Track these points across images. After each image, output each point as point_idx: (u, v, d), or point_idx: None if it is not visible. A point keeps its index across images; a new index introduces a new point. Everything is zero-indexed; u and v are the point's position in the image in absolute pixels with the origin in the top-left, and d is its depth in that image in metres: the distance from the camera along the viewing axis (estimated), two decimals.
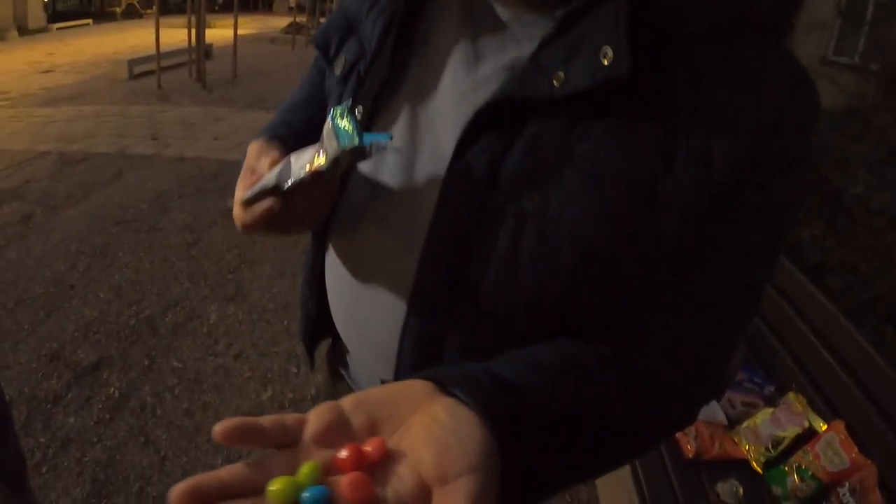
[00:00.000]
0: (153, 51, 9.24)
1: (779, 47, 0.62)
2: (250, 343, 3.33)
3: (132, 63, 10.12)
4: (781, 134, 0.58)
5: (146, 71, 9.96)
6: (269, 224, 0.72)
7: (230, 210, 0.78)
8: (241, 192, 0.74)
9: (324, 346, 1.04)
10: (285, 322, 3.51)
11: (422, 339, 0.71)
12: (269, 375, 3.09)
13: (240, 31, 10.45)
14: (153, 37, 9.03)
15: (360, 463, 0.45)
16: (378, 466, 0.45)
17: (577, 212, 0.60)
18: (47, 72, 10.82)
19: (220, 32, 12.16)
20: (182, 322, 3.49)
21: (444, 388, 0.52)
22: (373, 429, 0.48)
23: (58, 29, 17.96)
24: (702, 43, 0.59)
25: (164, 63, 9.47)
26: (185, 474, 2.46)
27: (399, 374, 0.75)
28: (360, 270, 0.79)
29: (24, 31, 16.07)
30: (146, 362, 3.11)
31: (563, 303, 0.64)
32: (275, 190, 0.69)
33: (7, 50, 13.21)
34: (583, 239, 0.60)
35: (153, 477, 2.46)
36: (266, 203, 0.70)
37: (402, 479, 0.44)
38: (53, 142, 6.56)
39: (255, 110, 7.74)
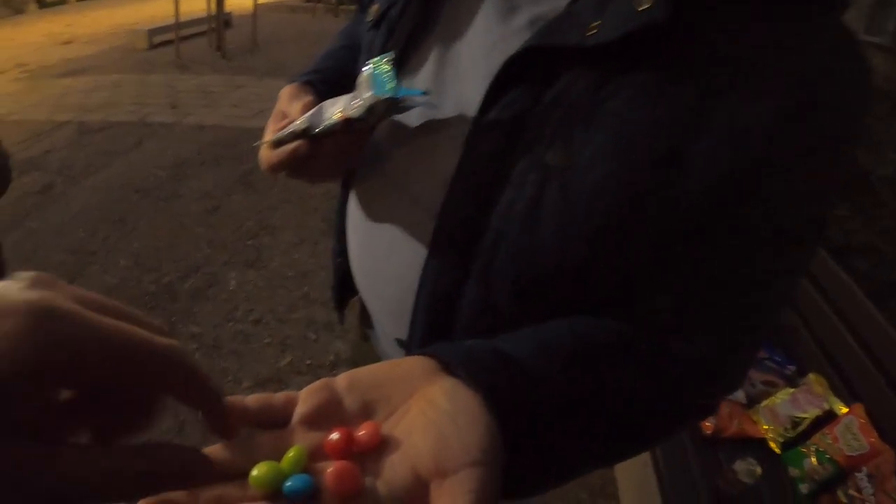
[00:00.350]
0: (172, 20, 9.25)
1: (831, 24, 0.57)
2: (269, 309, 3.36)
3: (152, 33, 10.11)
4: (821, 114, 0.55)
5: (165, 40, 9.97)
6: (294, 167, 0.73)
7: (248, 174, 0.79)
8: (270, 134, 0.75)
9: (354, 303, 1.05)
10: (305, 288, 3.53)
11: (437, 297, 0.69)
12: (288, 342, 3.12)
13: (259, 0, 10.42)
14: (172, 6, 9.01)
15: (351, 449, 0.43)
16: (370, 454, 0.43)
17: (602, 170, 0.57)
18: (66, 43, 10.86)
19: (239, 1, 12.12)
20: (201, 288, 3.53)
21: (447, 367, 0.49)
22: (367, 411, 0.46)
23: (77, 0, 18.06)
24: (743, 10, 0.56)
25: (183, 32, 9.46)
26: (203, 439, 2.48)
27: (413, 334, 0.74)
28: (378, 222, 0.78)
29: (43, 3, 16.15)
30: (166, 328, 3.12)
31: (581, 269, 0.61)
32: (304, 134, 0.70)
33: (26, 23, 13.29)
34: (606, 199, 0.57)
35: (172, 441, 2.48)
36: (293, 144, 0.70)
37: (395, 471, 0.42)
38: (73, 112, 6.60)
39: (275, 79, 7.72)
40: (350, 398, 0.46)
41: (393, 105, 0.65)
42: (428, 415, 0.44)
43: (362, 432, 0.43)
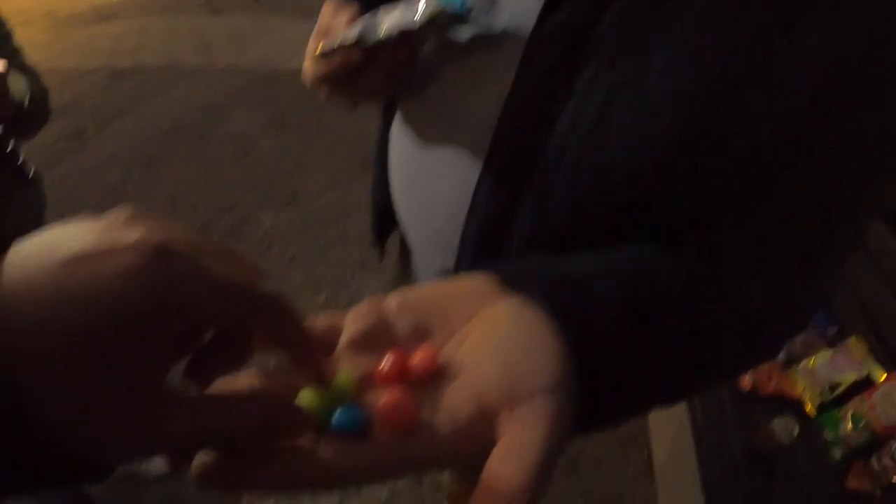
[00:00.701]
0: None
1: None
2: (303, 249, 3.43)
3: None
4: None
5: None
6: (342, 79, 0.71)
7: (281, 115, 0.77)
8: (313, 47, 0.72)
9: (395, 237, 1.04)
10: (339, 227, 3.59)
11: (489, 221, 0.67)
12: (323, 281, 3.18)
13: None
14: None
15: (405, 377, 0.40)
16: (427, 383, 0.40)
17: (677, 81, 0.53)
18: None
19: None
20: (235, 229, 3.62)
21: (510, 285, 0.45)
22: (421, 335, 0.43)
23: None
24: None
25: None
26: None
27: (460, 264, 0.72)
28: (425, 145, 0.76)
29: None
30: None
31: (649, 191, 0.57)
32: (356, 45, 0.67)
33: None
34: (681, 111, 0.53)
35: None
36: (345, 54, 0.68)
37: (457, 401, 0.39)
38: (103, 58, 6.72)
39: (309, 21, 7.60)
40: (402, 321, 0.43)
41: (455, 18, 0.62)
42: (492, 338, 0.41)
43: (418, 358, 0.40)
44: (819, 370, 1.93)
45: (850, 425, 1.76)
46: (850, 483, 1.70)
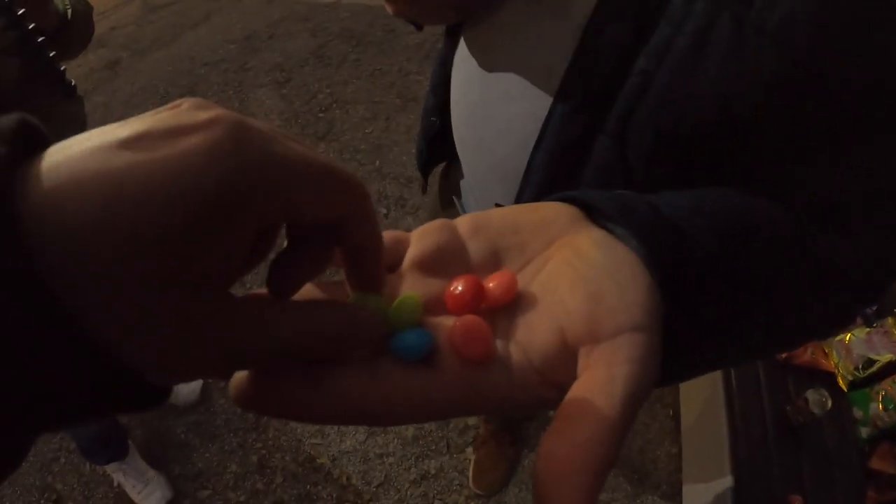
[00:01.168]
0: None
1: None
2: None
3: None
4: None
5: None
6: None
7: (320, 47, 0.76)
8: None
9: (440, 168, 1.05)
10: (377, 162, 3.64)
11: (559, 152, 0.66)
12: None
13: None
14: None
15: (479, 303, 0.37)
16: (502, 311, 0.38)
17: (791, 6, 0.50)
18: None
19: None
20: None
21: (595, 214, 0.44)
22: (496, 261, 0.40)
23: None
24: None
25: None
26: None
27: (523, 194, 0.71)
28: (496, 67, 0.74)
29: None
30: None
31: (744, 129, 0.56)
32: None
33: None
34: (790, 42, 0.51)
35: None
36: None
37: (535, 332, 0.36)
38: None
39: None
40: (475, 243, 0.40)
41: None
42: (575, 269, 0.38)
43: (495, 282, 0.37)
44: (854, 346, 1.97)
45: (880, 406, 1.81)
46: (874, 464, 1.75)
